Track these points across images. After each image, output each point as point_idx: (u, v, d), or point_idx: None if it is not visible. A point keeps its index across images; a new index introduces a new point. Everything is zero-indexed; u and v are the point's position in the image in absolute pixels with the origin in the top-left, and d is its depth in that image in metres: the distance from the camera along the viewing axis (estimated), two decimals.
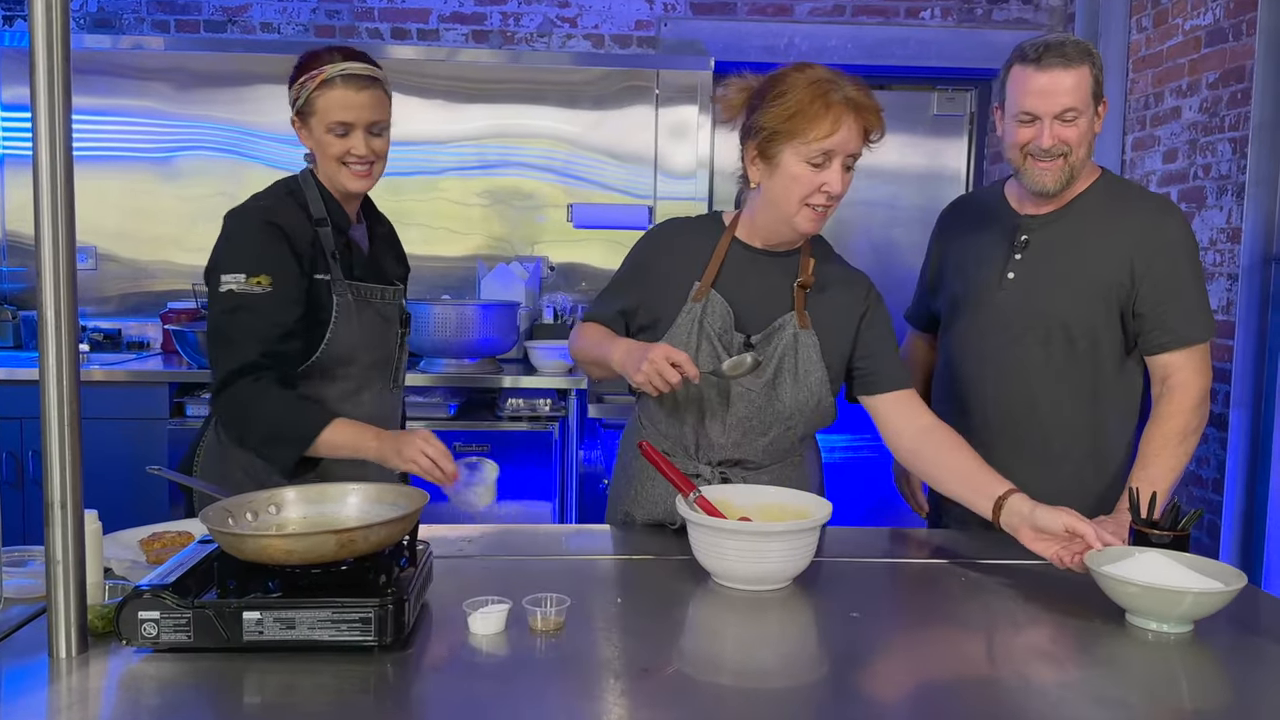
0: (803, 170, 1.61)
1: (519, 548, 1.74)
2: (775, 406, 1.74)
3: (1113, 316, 1.90)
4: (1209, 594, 1.36)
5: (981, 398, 2.01)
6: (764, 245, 1.77)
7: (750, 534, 1.47)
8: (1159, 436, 1.84)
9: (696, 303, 1.73)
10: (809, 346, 1.74)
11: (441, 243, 4.00)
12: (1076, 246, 1.92)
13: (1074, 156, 1.86)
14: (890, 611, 1.49)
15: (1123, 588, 1.38)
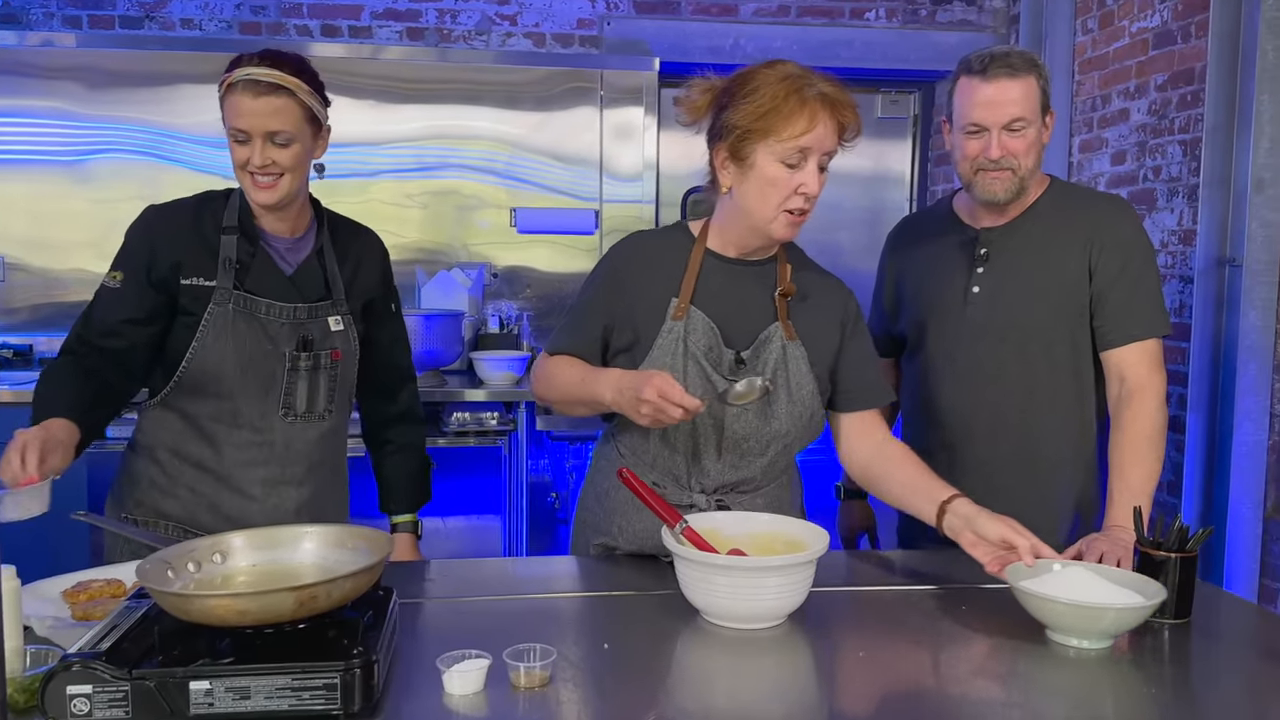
0: (778, 171, 1.53)
1: (492, 584, 1.61)
2: (772, 426, 1.65)
3: (1083, 317, 1.88)
4: (1129, 610, 1.35)
5: (961, 415, 1.95)
6: (738, 254, 1.69)
7: (744, 569, 1.37)
8: (1129, 443, 1.79)
9: (677, 321, 1.63)
10: (798, 359, 1.66)
11: None
12: (1037, 252, 1.89)
13: (1022, 168, 1.84)
14: (896, 647, 1.39)
15: (1044, 605, 1.36)
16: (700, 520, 1.51)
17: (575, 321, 1.71)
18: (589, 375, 1.61)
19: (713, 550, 1.45)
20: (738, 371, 1.63)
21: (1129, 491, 1.74)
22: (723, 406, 1.61)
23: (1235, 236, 2.86)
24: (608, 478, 1.73)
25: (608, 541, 1.72)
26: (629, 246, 1.73)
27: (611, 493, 1.72)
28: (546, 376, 1.69)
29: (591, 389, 1.58)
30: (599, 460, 1.80)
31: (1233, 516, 2.85)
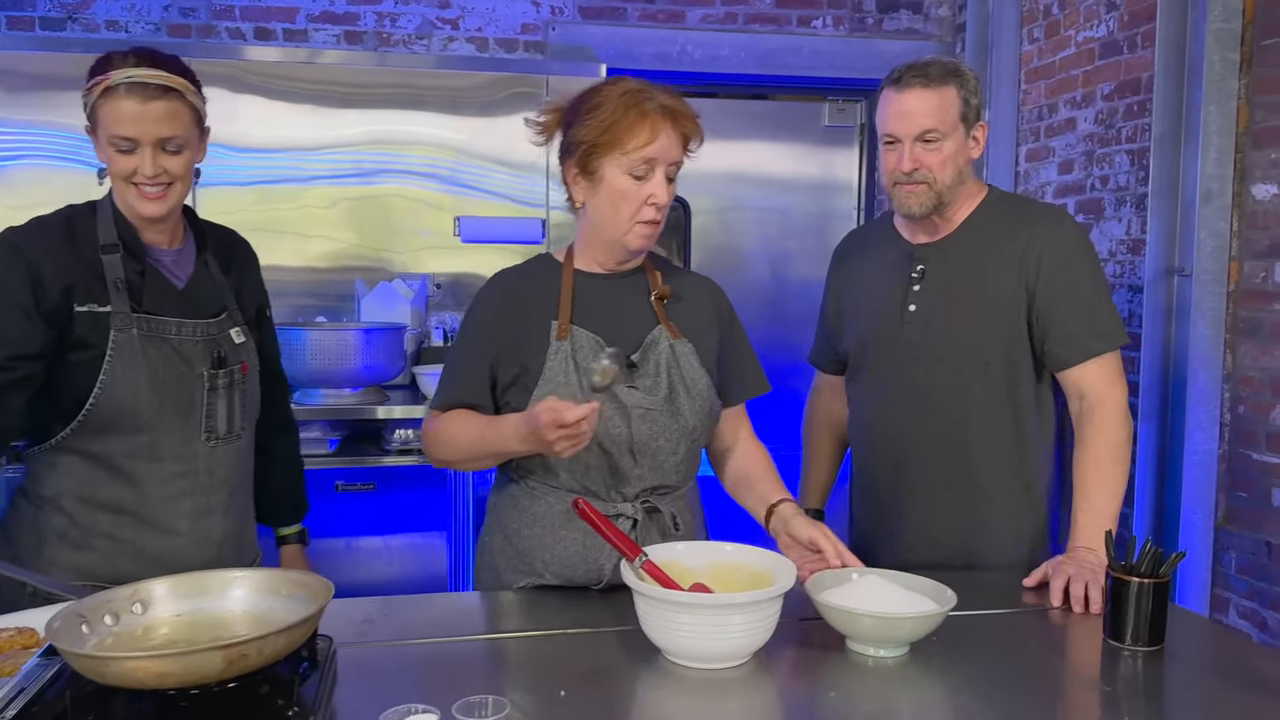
0: (627, 183, 1.58)
1: (437, 624, 1.51)
2: (679, 423, 1.65)
3: (1021, 336, 1.82)
4: (926, 617, 1.36)
5: (900, 437, 1.90)
6: (606, 270, 1.70)
7: (708, 607, 1.29)
8: (1091, 462, 1.75)
9: (562, 341, 1.62)
10: (687, 354, 1.68)
11: (315, 259, 3.69)
12: (973, 268, 1.84)
13: (938, 182, 1.79)
14: (867, 687, 1.33)
15: (845, 616, 1.37)
16: (660, 552, 1.44)
17: (458, 371, 1.69)
18: (488, 430, 1.60)
19: (674, 585, 1.37)
20: (631, 375, 1.64)
21: (1093, 511, 1.70)
22: (629, 411, 1.61)
23: (1184, 246, 2.86)
24: (519, 517, 1.67)
25: (534, 581, 1.65)
26: (497, 284, 1.73)
27: (524, 531, 1.66)
28: (443, 439, 1.66)
29: (496, 445, 1.59)
30: (503, 503, 1.72)
31: (1184, 526, 2.85)
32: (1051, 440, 1.87)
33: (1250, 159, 2.73)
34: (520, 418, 1.52)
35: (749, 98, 4.37)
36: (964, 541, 1.85)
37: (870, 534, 1.99)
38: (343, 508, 3.02)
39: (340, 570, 3.03)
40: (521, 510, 1.66)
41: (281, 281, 3.66)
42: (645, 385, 1.64)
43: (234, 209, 3.59)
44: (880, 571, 1.49)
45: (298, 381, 3.11)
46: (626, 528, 1.62)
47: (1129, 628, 1.42)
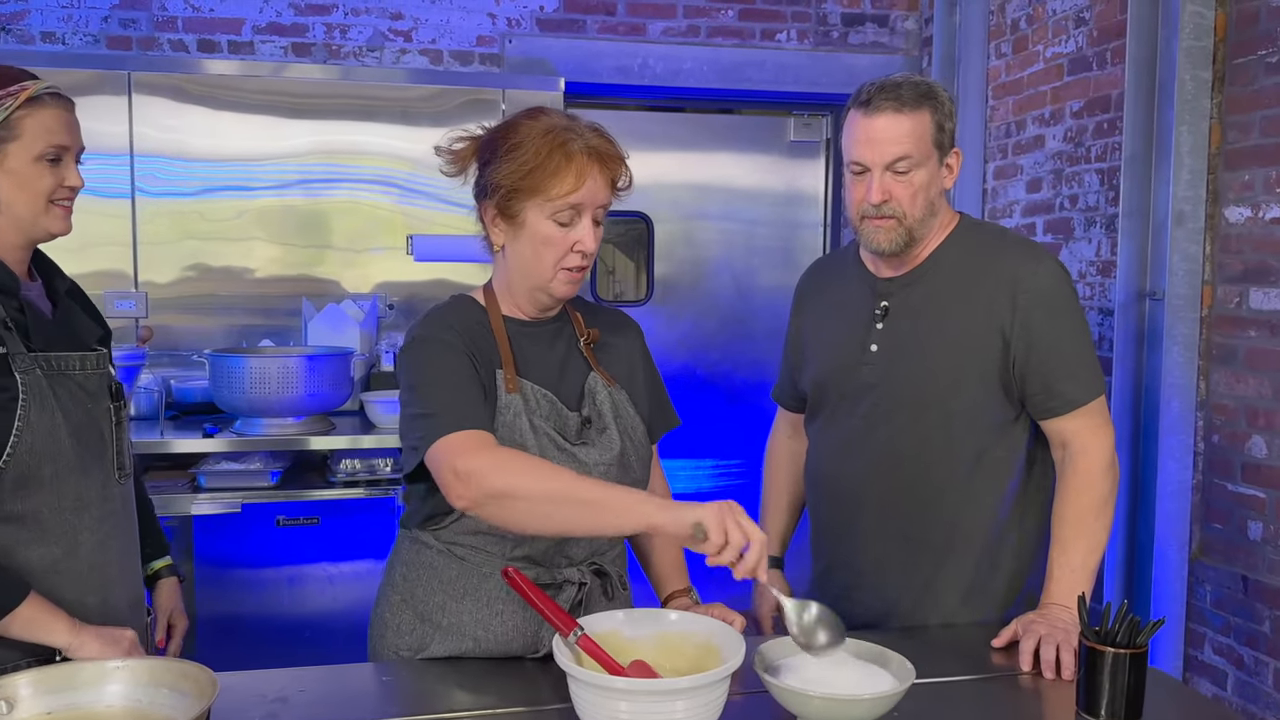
0: (551, 230, 1.46)
1: (354, 703, 1.38)
2: (630, 476, 1.55)
3: (988, 382, 1.69)
4: (883, 697, 1.25)
5: (856, 489, 1.78)
6: (529, 316, 1.58)
7: (648, 693, 1.18)
8: (1072, 515, 1.64)
9: (512, 395, 1.49)
10: (623, 403, 1.60)
11: (261, 275, 3.55)
12: (939, 308, 1.71)
13: (909, 217, 1.66)
14: None
15: (795, 697, 1.25)
16: (599, 623, 1.32)
17: (458, 396, 1.43)
18: (612, 488, 1.35)
19: (613, 663, 1.25)
20: (585, 433, 1.53)
21: (1069, 567, 1.60)
22: (589, 471, 1.49)
23: (1156, 269, 2.78)
24: (443, 590, 1.52)
25: (457, 654, 1.51)
26: (439, 321, 1.53)
27: (450, 605, 1.51)
28: (522, 469, 1.35)
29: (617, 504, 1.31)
30: (414, 574, 1.56)
31: (1158, 559, 2.77)
32: (1010, 492, 1.74)
33: (1223, 180, 2.66)
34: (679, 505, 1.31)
35: (712, 111, 4.27)
36: (921, 600, 1.74)
37: (821, 588, 1.88)
38: (285, 542, 2.89)
39: (282, 604, 2.90)
40: (445, 582, 1.52)
41: (226, 298, 3.53)
42: (600, 441, 1.53)
43: (175, 222, 3.45)
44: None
45: (237, 410, 2.98)
46: (572, 594, 1.50)
47: (1104, 701, 1.32)
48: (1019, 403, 1.70)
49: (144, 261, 3.45)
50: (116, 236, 3.41)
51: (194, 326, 3.49)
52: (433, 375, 1.45)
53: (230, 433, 2.98)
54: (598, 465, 1.50)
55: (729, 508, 1.26)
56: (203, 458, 2.96)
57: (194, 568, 2.85)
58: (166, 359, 3.45)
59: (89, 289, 1.72)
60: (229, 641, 2.85)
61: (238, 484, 2.88)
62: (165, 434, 2.98)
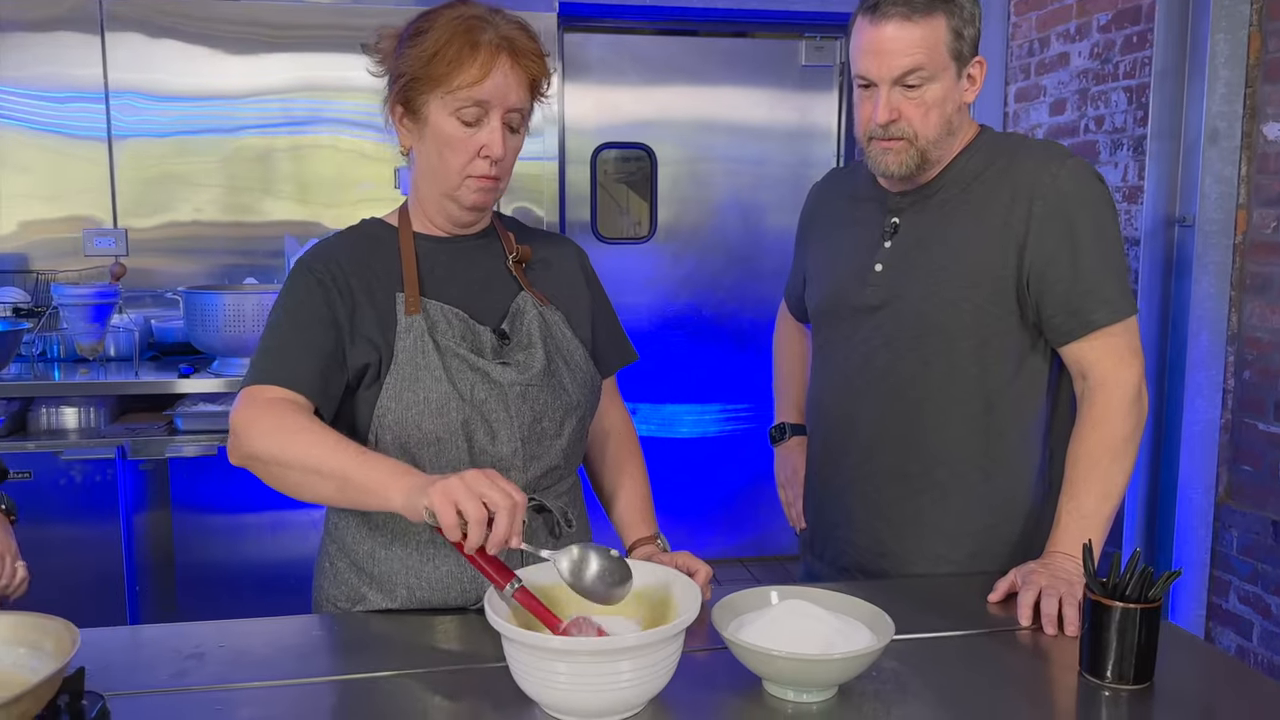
0: (454, 128, 1.32)
1: (270, 660, 1.25)
2: (563, 399, 1.41)
3: (1004, 307, 1.51)
4: (855, 657, 1.10)
5: (851, 420, 1.63)
6: (447, 231, 1.43)
7: (591, 654, 1.04)
8: (1085, 455, 1.47)
9: (413, 316, 1.34)
10: (558, 323, 1.46)
11: (242, 214, 3.42)
12: (952, 225, 1.54)
13: (921, 138, 1.48)
14: None
15: (759, 657, 1.11)
16: (538, 574, 1.18)
17: (285, 346, 1.32)
18: (356, 459, 1.19)
19: (552, 618, 1.12)
20: (503, 350, 1.39)
21: (1079, 513, 1.44)
22: (505, 391, 1.36)
23: (1186, 193, 2.58)
24: (371, 536, 1.39)
25: (392, 606, 1.38)
26: (322, 253, 1.39)
27: (379, 553, 1.38)
28: (274, 430, 1.22)
29: (360, 477, 1.17)
30: (345, 523, 1.43)
31: (1182, 502, 2.61)
32: (1039, 426, 1.57)
33: (1262, 94, 2.44)
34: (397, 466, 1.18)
35: (721, 35, 4.06)
36: (914, 545, 1.59)
37: (813, 529, 1.74)
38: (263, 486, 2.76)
39: (264, 550, 2.80)
40: (373, 528, 1.39)
41: (205, 239, 3.40)
42: (519, 359, 1.39)
43: (150, 162, 3.33)
44: (805, 590, 1.24)
45: (212, 350, 2.86)
46: None
47: (1110, 662, 1.17)
48: (1035, 328, 1.53)
49: (124, 202, 3.34)
50: (93, 176, 3.30)
51: (176, 267, 3.38)
52: (280, 313, 1.35)
53: (207, 373, 2.86)
54: (514, 385, 1.35)
55: (461, 480, 1.09)
56: (180, 399, 2.85)
57: (171, 513, 2.75)
58: (148, 299, 3.35)
59: (67, 230, 1.59)
60: (209, 589, 2.76)
61: (215, 426, 2.76)
62: (141, 374, 2.87)
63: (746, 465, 4.22)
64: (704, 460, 4.22)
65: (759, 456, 4.21)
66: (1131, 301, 1.50)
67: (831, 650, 1.12)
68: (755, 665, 1.13)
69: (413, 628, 1.33)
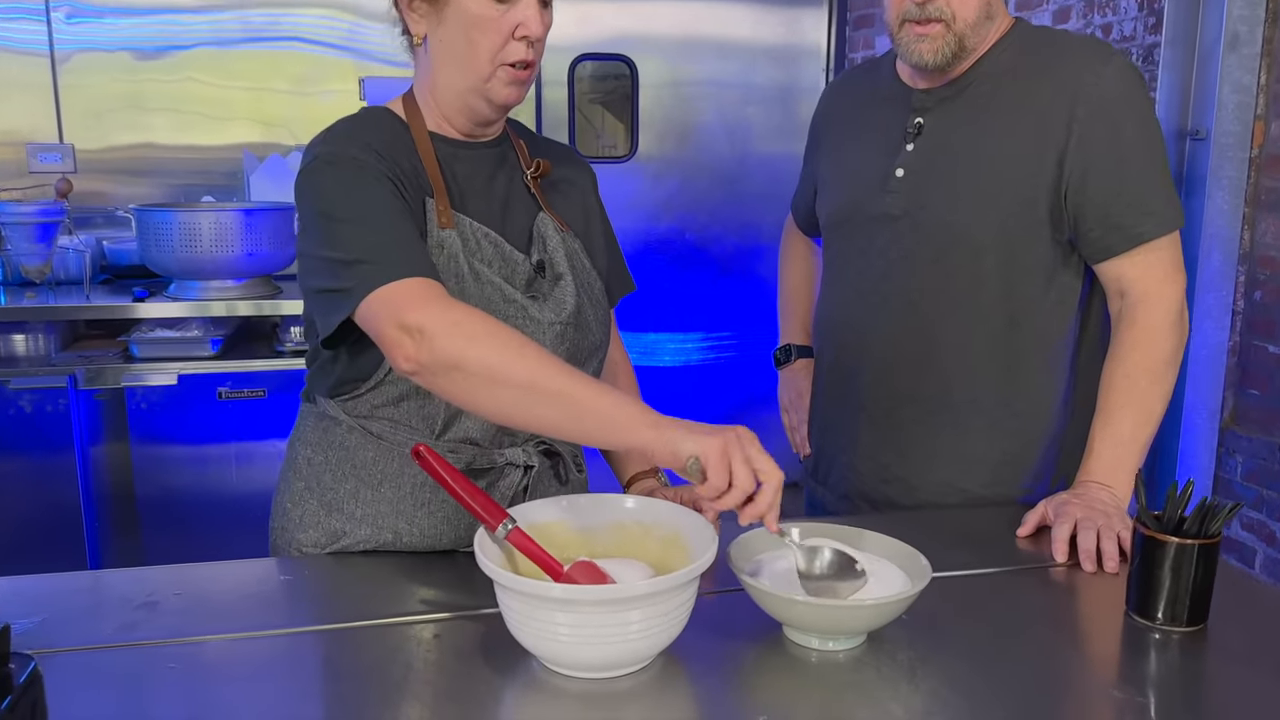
0: (483, 6, 1.16)
1: (233, 609, 1.12)
2: (589, 340, 1.28)
3: (1036, 218, 1.38)
4: (889, 603, 0.99)
5: (866, 340, 1.51)
6: (464, 134, 1.26)
7: (595, 604, 0.92)
8: (1123, 377, 1.36)
9: (447, 231, 1.19)
10: (578, 253, 1.32)
11: (197, 132, 3.22)
12: (981, 125, 1.40)
13: (959, 20, 1.35)
14: (810, 696, 0.97)
15: (781, 603, 1.00)
16: (534, 513, 1.06)
17: (397, 235, 1.12)
18: (603, 390, 1.04)
19: (551, 563, 1.00)
20: (536, 284, 1.25)
21: (1115, 439, 1.33)
22: (542, 336, 1.21)
23: (1201, 104, 2.45)
24: (355, 474, 1.25)
25: (376, 545, 1.25)
26: (349, 140, 1.19)
27: (364, 493, 1.24)
28: (486, 333, 1.04)
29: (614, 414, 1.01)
30: (321, 456, 1.28)
31: (1186, 426, 2.53)
32: (1064, 352, 1.46)
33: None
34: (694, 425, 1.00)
35: None
36: (924, 472, 1.48)
37: (818, 454, 1.63)
38: (229, 416, 2.63)
39: (229, 483, 2.67)
40: (358, 466, 1.25)
41: (159, 158, 3.21)
42: (554, 295, 1.24)
43: (99, 78, 3.11)
44: (829, 527, 1.12)
45: (168, 272, 2.69)
46: (515, 480, 1.24)
47: (1161, 602, 1.07)
48: (1069, 243, 1.40)
49: (72, 119, 3.15)
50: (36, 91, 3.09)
51: (128, 188, 3.20)
52: (351, 208, 1.13)
53: (164, 297, 2.70)
54: (552, 325, 1.22)
55: (738, 440, 0.97)
56: (135, 325, 2.68)
57: (129, 445, 2.61)
58: (99, 219, 3.16)
59: (10, 148, 1.42)
60: (171, 524, 2.63)
61: (174, 353, 2.61)
62: (93, 298, 2.69)
63: (730, 395, 4.11)
64: (686, 390, 4.11)
65: (742, 386, 4.10)
66: (1179, 212, 1.37)
67: (862, 594, 1.00)
68: (776, 611, 1.02)
69: (393, 572, 1.21)
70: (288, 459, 1.34)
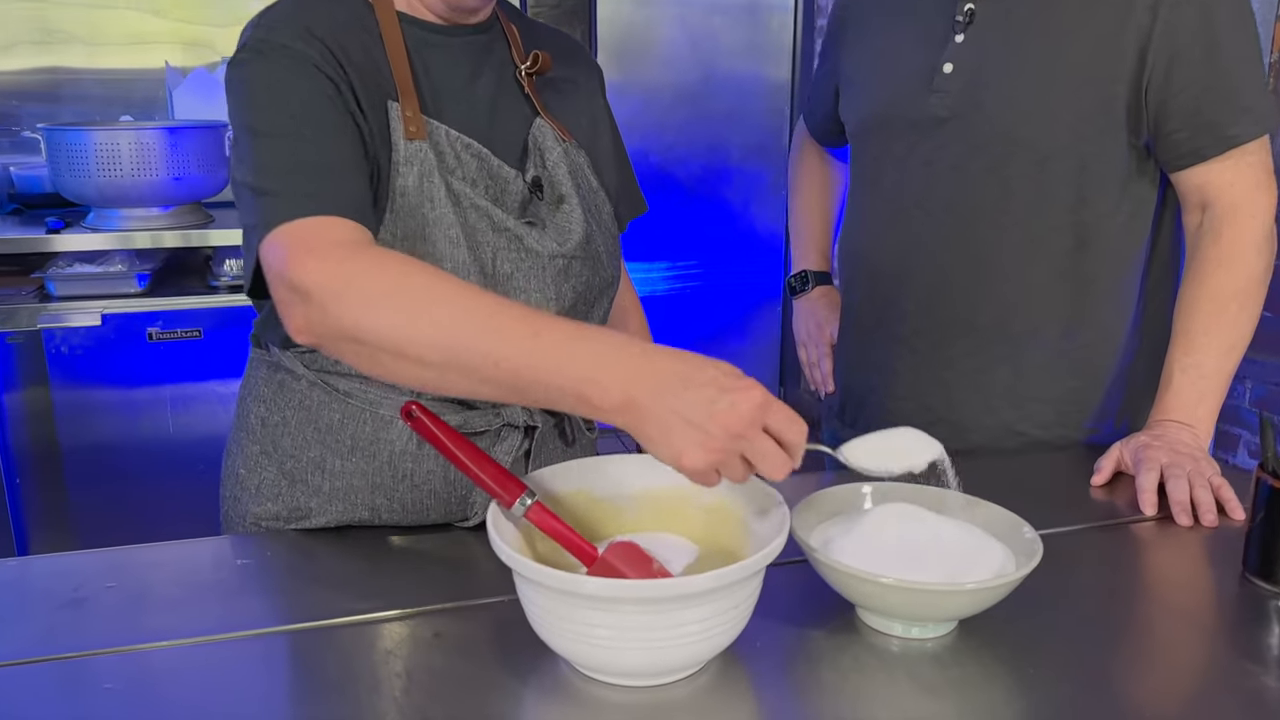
0: None
1: (170, 607, 0.91)
2: (600, 274, 1.06)
3: (1112, 118, 1.18)
4: (992, 587, 0.80)
5: (906, 264, 1.32)
6: (442, 17, 1.03)
7: (642, 601, 0.73)
8: (1207, 299, 1.19)
9: (415, 142, 0.95)
10: (583, 169, 1.10)
11: (111, 45, 2.88)
12: (1049, 12, 1.19)
13: None
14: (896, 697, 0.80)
15: (864, 586, 0.82)
16: (556, 481, 0.87)
17: (321, 152, 0.90)
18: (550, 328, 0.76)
19: (583, 546, 0.81)
20: (533, 207, 1.03)
21: (1198, 371, 1.17)
22: (541, 270, 1.00)
23: None
24: (321, 440, 1.03)
25: (349, 520, 1.04)
26: (290, 22, 0.94)
27: (331, 462, 1.02)
28: (386, 291, 0.80)
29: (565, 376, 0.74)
30: (278, 416, 1.05)
31: None
32: (1134, 275, 1.28)
33: None
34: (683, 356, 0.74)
35: None
36: (975, 412, 1.31)
37: (845, 393, 1.46)
38: (161, 359, 2.38)
39: (164, 432, 2.42)
40: (324, 430, 1.03)
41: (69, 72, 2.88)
42: (555, 220, 1.03)
43: None
44: (907, 488, 0.94)
45: (85, 200, 2.40)
46: (515, 443, 1.03)
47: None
48: (1146, 147, 1.21)
49: None
50: None
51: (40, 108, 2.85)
52: (272, 117, 0.91)
53: (81, 228, 2.42)
54: (554, 258, 1.00)
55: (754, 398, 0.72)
56: (51, 259, 2.40)
57: (50, 393, 2.34)
58: (5, 143, 2.83)
59: None
60: (102, 480, 2.38)
61: (96, 290, 2.33)
62: (1, 230, 2.41)
63: (696, 327, 3.94)
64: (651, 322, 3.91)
65: (710, 317, 3.93)
66: (1275, 111, 1.20)
67: (961, 575, 0.83)
68: (854, 592, 0.84)
69: (376, 551, 1.01)
70: (239, 415, 1.12)
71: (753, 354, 4.06)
